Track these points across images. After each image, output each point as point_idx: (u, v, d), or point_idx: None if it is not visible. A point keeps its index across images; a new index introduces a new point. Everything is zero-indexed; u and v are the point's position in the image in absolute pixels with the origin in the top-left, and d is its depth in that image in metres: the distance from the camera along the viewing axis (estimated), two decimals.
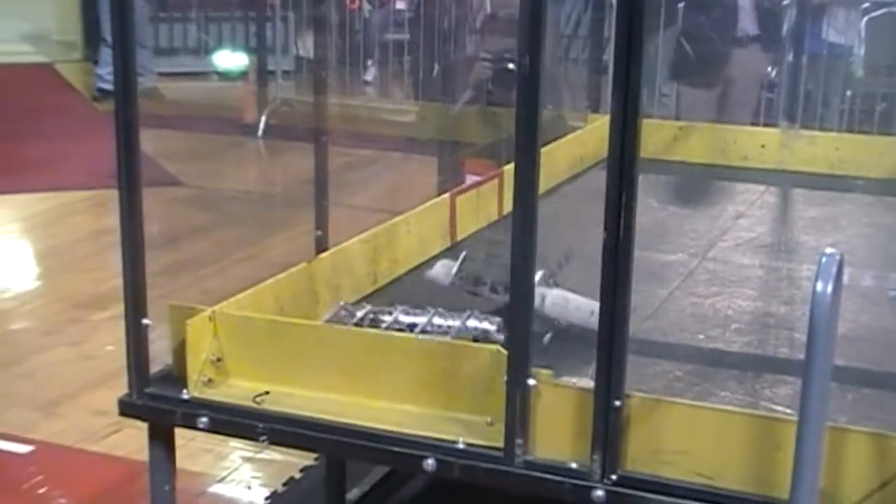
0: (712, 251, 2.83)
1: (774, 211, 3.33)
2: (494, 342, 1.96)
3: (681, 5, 5.80)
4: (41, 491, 2.95)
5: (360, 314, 2.16)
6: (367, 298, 2.42)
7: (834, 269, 1.46)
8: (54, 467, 3.09)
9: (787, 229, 3.12)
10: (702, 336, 2.28)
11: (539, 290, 2.05)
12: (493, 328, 2.08)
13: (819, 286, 1.45)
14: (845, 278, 1.49)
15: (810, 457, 1.49)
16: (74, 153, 6.68)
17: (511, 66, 3.17)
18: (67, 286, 4.56)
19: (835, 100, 5.57)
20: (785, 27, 5.66)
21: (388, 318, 2.12)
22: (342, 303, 2.26)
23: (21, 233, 5.48)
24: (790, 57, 5.32)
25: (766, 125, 3.94)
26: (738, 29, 5.89)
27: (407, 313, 2.14)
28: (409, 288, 2.54)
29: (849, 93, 5.65)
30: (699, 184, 3.53)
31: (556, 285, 2.23)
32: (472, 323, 2.11)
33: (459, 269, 2.31)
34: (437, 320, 2.12)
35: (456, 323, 2.11)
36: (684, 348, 2.23)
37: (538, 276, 2.11)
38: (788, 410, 1.81)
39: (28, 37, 10.33)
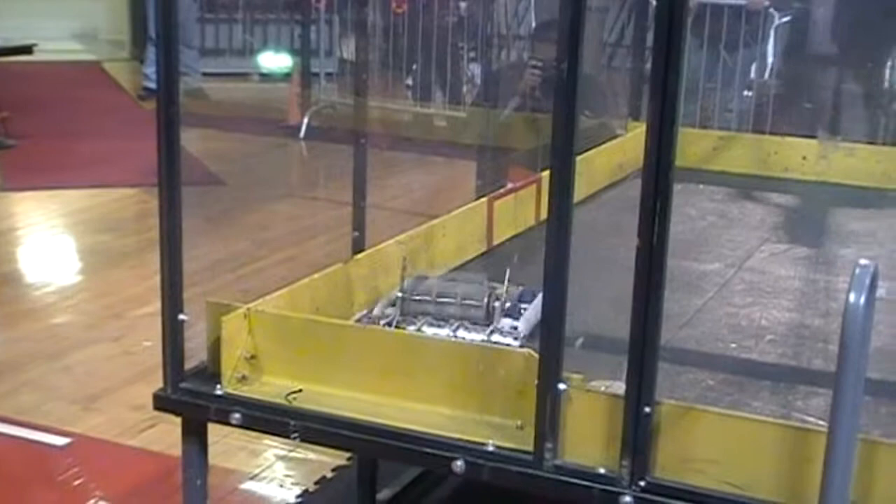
0: (749, 261, 2.82)
1: (814, 223, 3.31)
2: None
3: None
4: (78, 483, 2.99)
5: (384, 322, 2.18)
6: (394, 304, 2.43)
7: (867, 281, 1.46)
8: (91, 460, 3.12)
9: (825, 242, 3.10)
10: (736, 346, 2.28)
11: None
12: (516, 343, 2.08)
13: (852, 297, 1.45)
14: (882, 291, 1.49)
15: (840, 469, 1.48)
16: (120, 151, 6.76)
17: None
18: (110, 282, 4.62)
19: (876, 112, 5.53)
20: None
21: (411, 329, 2.13)
22: (375, 307, 2.28)
23: (66, 228, 5.55)
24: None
25: (807, 137, 3.90)
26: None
27: (431, 325, 2.15)
28: None
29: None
30: (739, 194, 3.51)
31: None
32: (496, 337, 2.12)
33: (401, 310, 2.23)
34: (461, 333, 2.12)
35: (479, 337, 2.12)
36: (718, 358, 2.22)
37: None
38: (821, 422, 1.80)
39: (77, 36, 10.47)
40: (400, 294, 2.24)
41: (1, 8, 8.45)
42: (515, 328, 2.17)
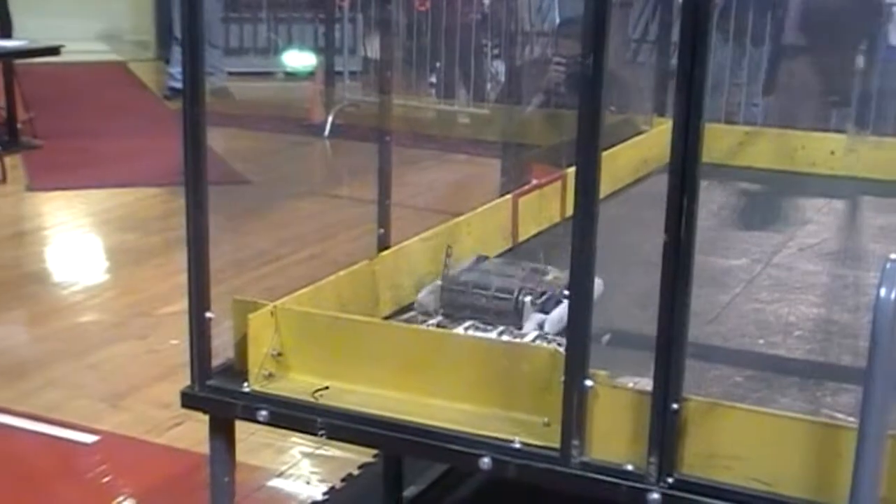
0: (777, 257, 2.80)
1: (842, 218, 3.29)
2: None
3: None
4: (105, 480, 3.01)
5: (432, 322, 2.18)
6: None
7: None
8: (118, 458, 3.14)
9: (853, 236, 3.08)
10: (763, 342, 2.26)
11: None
12: (562, 350, 2.07)
13: (882, 292, 1.44)
14: None
15: (870, 465, 1.47)
16: (145, 150, 6.79)
17: None
18: (136, 280, 4.64)
19: None
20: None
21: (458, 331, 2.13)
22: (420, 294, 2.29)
23: (92, 227, 5.58)
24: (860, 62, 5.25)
25: (835, 131, 3.88)
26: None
27: (476, 328, 2.16)
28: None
29: None
30: (766, 190, 3.50)
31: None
32: (538, 343, 2.11)
33: (441, 299, 2.27)
34: (505, 338, 2.12)
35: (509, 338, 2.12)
36: (745, 354, 2.21)
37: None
38: (850, 418, 1.79)
39: (102, 36, 10.53)
40: (440, 283, 2.29)
41: (27, 9, 8.50)
42: (542, 324, 2.18)
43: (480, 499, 2.80)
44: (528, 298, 2.21)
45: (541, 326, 2.18)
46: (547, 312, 2.21)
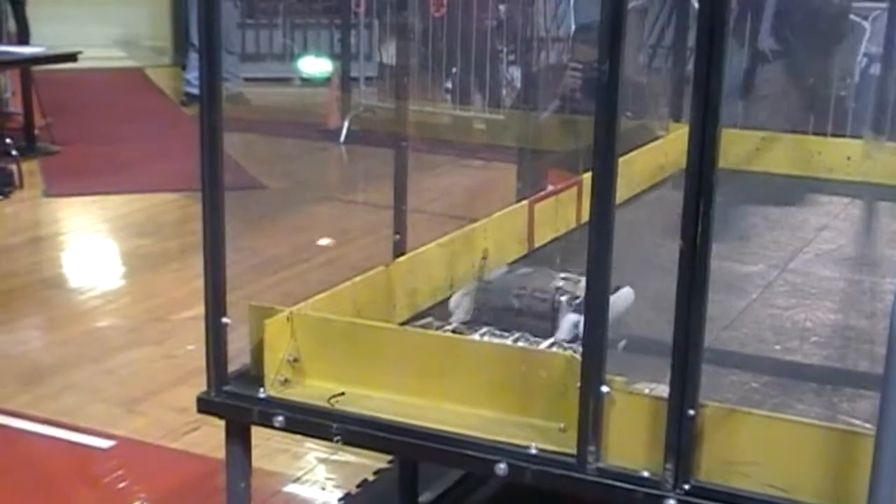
0: (793, 263, 2.80)
1: (858, 224, 3.28)
2: None
3: None
4: (121, 485, 3.02)
5: (448, 328, 2.18)
6: (443, 304, 2.44)
7: None
8: (134, 463, 3.15)
9: (870, 242, 3.06)
10: (780, 348, 2.26)
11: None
12: (578, 357, 2.07)
13: None
14: None
15: (887, 472, 1.46)
16: (162, 156, 6.82)
17: None
18: (153, 286, 4.66)
19: None
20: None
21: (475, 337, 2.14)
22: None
23: (109, 233, 5.61)
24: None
25: (852, 137, 3.86)
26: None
27: (493, 334, 2.16)
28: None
29: None
30: (782, 195, 3.48)
31: None
32: (555, 350, 2.11)
33: (477, 300, 2.31)
34: (521, 345, 2.12)
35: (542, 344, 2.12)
36: (762, 359, 2.20)
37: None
38: (867, 425, 1.78)
39: (120, 42, 10.57)
40: (476, 283, 2.36)
41: (45, 15, 8.55)
42: (578, 324, 2.17)
43: None
44: (563, 298, 2.24)
45: (576, 326, 2.18)
46: (581, 314, 2.20)
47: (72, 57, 6.87)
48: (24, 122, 6.88)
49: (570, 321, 2.21)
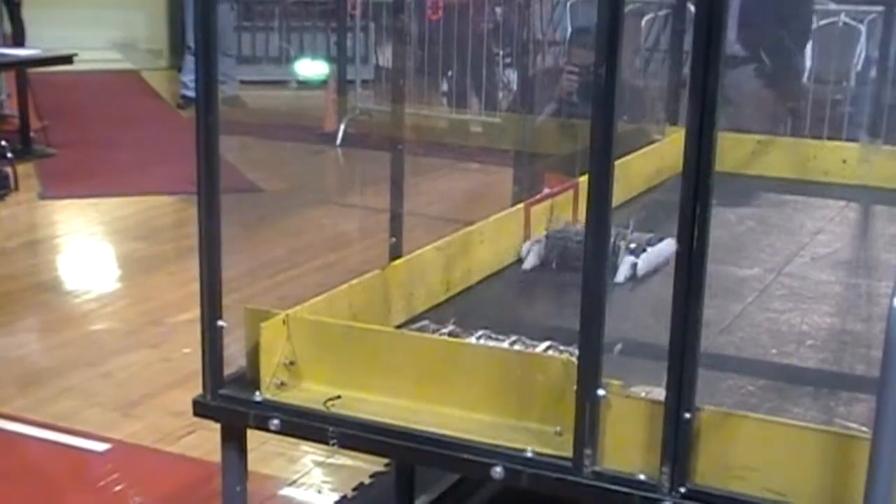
0: (789, 266, 2.80)
1: (854, 227, 3.28)
2: None
3: None
4: (117, 489, 3.01)
5: (444, 331, 2.18)
6: (439, 307, 2.44)
7: None
8: (130, 466, 3.15)
9: (866, 246, 3.07)
10: (776, 351, 2.26)
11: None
12: (574, 360, 2.07)
13: (895, 301, 1.43)
14: None
15: (884, 475, 1.46)
16: (158, 159, 6.82)
17: None
18: (149, 289, 4.65)
19: None
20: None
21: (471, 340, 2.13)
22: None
23: (105, 235, 5.61)
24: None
25: (848, 140, 3.87)
26: None
27: (490, 337, 2.16)
28: (481, 297, 2.56)
29: None
30: (778, 199, 3.49)
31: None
32: (551, 353, 2.11)
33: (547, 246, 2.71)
34: (517, 348, 2.12)
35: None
36: (758, 363, 2.20)
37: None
38: (864, 428, 1.78)
39: (116, 45, 10.58)
40: (546, 233, 2.74)
41: (42, 18, 8.54)
42: (635, 265, 2.63)
43: None
44: (622, 243, 2.63)
45: (634, 266, 2.62)
46: (637, 256, 2.65)
47: (67, 59, 6.86)
48: (20, 124, 6.88)
49: (629, 262, 2.62)
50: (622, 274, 2.61)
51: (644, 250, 2.68)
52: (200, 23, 1.91)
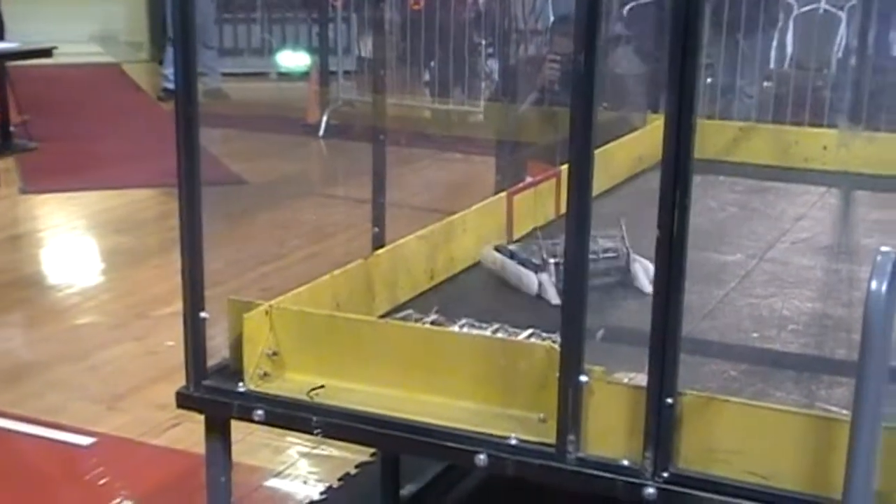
0: (771, 252, 2.81)
1: (835, 213, 3.30)
2: None
3: None
4: (102, 482, 3.01)
5: (427, 320, 2.19)
6: (423, 296, 2.44)
7: (889, 269, 1.45)
8: (116, 459, 3.14)
9: (847, 231, 3.08)
10: (758, 336, 2.27)
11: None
12: (556, 347, 2.08)
13: (874, 285, 1.44)
14: None
15: (863, 457, 1.48)
16: (140, 152, 6.79)
17: None
18: (133, 282, 4.64)
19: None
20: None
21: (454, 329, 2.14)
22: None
23: (88, 229, 5.59)
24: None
25: (828, 126, 3.88)
26: None
27: (473, 325, 2.16)
28: (464, 286, 2.56)
29: None
30: (760, 185, 3.50)
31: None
32: (533, 341, 2.11)
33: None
34: (500, 336, 2.12)
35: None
36: (740, 348, 2.22)
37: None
38: (844, 411, 1.79)
39: (97, 38, 10.54)
40: (552, 264, 2.49)
41: (21, 12, 8.50)
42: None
43: (478, 497, 2.81)
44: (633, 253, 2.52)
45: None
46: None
47: (46, 52, 6.84)
48: (0, 118, 6.84)
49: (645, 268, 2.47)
50: (642, 280, 2.47)
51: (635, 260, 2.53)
52: (179, 14, 1.90)
